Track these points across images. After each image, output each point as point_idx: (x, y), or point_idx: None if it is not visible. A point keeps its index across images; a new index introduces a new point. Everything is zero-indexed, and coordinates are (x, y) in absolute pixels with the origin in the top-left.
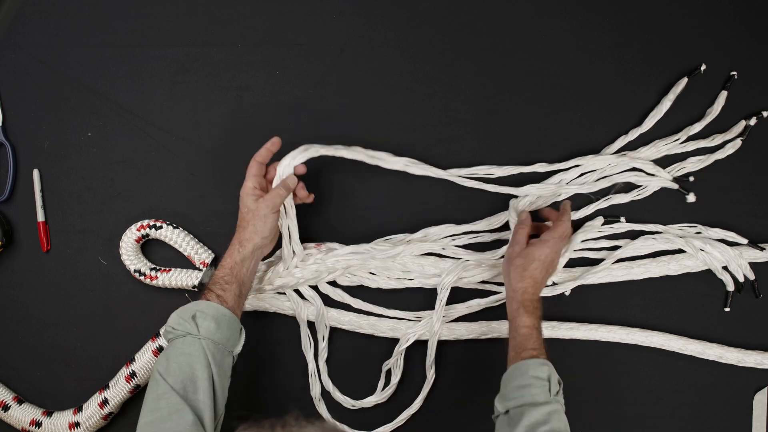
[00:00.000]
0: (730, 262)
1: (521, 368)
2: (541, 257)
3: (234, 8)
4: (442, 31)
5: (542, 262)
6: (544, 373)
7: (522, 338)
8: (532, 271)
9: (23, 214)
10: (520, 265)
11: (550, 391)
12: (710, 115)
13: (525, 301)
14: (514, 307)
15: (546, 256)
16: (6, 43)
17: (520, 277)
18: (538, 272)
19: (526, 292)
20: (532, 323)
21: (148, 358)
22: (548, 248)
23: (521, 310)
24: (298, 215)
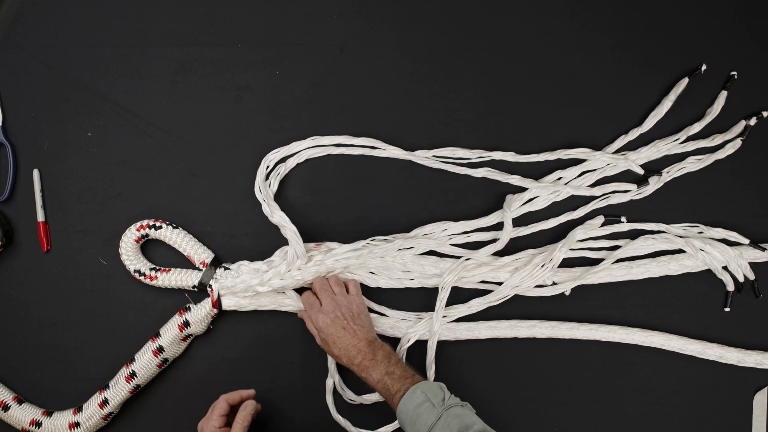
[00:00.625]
0: (730, 262)
1: (403, 411)
2: (321, 334)
3: (234, 8)
4: (442, 31)
5: (326, 336)
6: (417, 399)
7: (384, 390)
8: (329, 348)
9: (23, 214)
10: (324, 348)
11: (435, 406)
12: (710, 115)
13: (355, 369)
14: (356, 374)
15: (322, 330)
16: (6, 43)
17: (333, 356)
18: (332, 346)
19: (349, 363)
20: (378, 376)
21: (148, 359)
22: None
23: (363, 374)
24: (297, 215)
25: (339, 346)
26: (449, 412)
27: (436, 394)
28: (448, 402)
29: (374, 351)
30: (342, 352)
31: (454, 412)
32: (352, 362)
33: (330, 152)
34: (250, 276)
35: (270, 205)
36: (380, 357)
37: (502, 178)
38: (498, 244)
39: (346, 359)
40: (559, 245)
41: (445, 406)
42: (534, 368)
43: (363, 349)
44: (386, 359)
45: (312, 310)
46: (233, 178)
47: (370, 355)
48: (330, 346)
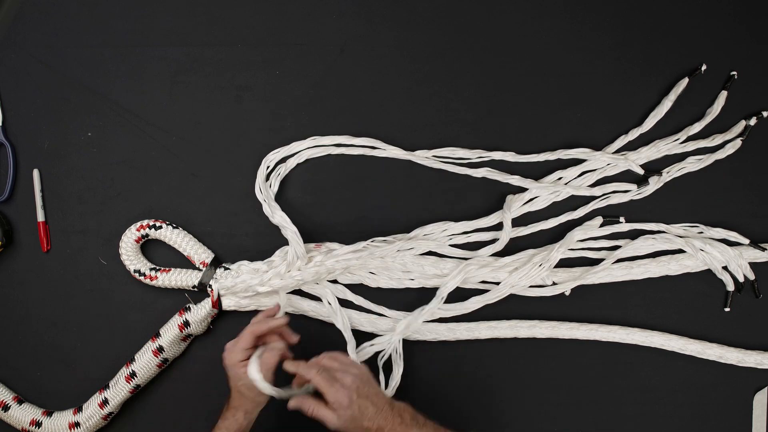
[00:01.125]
0: (730, 262)
1: None
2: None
3: (234, 8)
4: (442, 31)
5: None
6: None
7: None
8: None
9: (23, 214)
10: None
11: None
12: (710, 115)
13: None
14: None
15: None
16: (6, 43)
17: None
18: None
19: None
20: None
21: (148, 358)
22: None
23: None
24: (297, 215)
25: (368, 416)
26: None
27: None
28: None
29: (400, 414)
30: (372, 423)
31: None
32: (384, 429)
33: (330, 152)
34: (250, 276)
35: (271, 205)
36: (408, 419)
37: (502, 178)
38: (497, 245)
39: (376, 428)
40: (557, 245)
41: None
42: (534, 368)
43: (389, 414)
44: (414, 420)
45: (333, 387)
46: (233, 178)
47: (398, 419)
48: (359, 420)
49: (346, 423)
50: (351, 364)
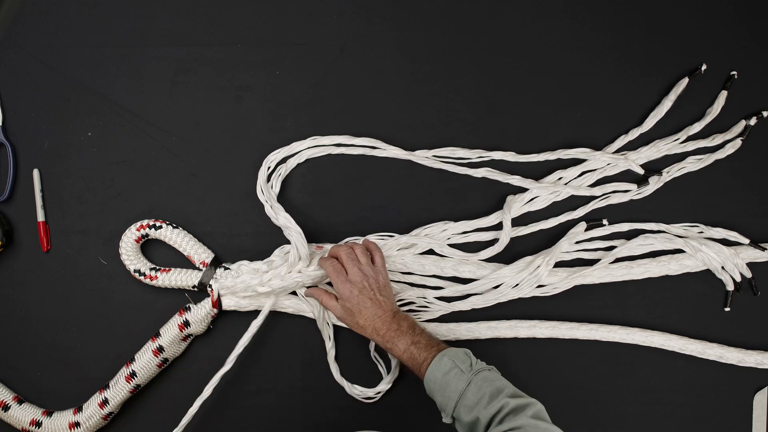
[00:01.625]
0: (726, 261)
1: (431, 380)
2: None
3: (234, 8)
4: (442, 31)
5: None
6: (445, 366)
7: (410, 359)
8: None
9: (23, 214)
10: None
11: (463, 371)
12: (710, 115)
13: (380, 341)
14: (381, 345)
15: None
16: (6, 43)
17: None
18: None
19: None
20: (404, 346)
21: (148, 358)
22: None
23: (388, 345)
24: (297, 215)
25: (365, 316)
26: (478, 376)
27: (463, 360)
28: (476, 367)
29: (399, 322)
30: (368, 323)
31: (483, 375)
32: (377, 333)
33: (330, 152)
34: (250, 276)
35: (274, 206)
36: (405, 327)
37: (502, 178)
38: (497, 246)
39: (371, 330)
40: (546, 258)
41: (474, 371)
42: (534, 368)
43: (388, 320)
44: (411, 329)
45: (338, 278)
46: (233, 178)
47: (395, 325)
48: (355, 316)
49: (344, 314)
50: (367, 264)
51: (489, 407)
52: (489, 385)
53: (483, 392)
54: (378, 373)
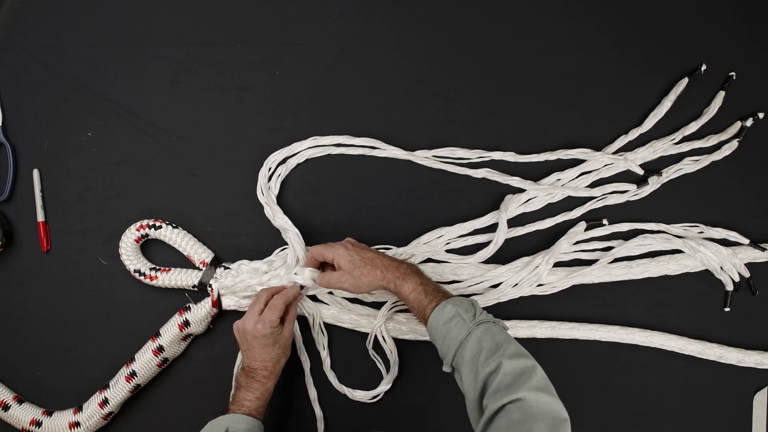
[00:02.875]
0: (724, 261)
1: (433, 326)
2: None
3: (234, 8)
4: (442, 31)
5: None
6: (447, 313)
7: (416, 302)
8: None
9: (23, 214)
10: (353, 281)
11: (465, 321)
12: (707, 115)
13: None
14: (392, 290)
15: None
16: (6, 43)
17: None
18: (363, 276)
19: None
20: (412, 286)
21: (148, 358)
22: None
23: (395, 288)
24: (297, 215)
25: (370, 265)
26: (479, 327)
27: (467, 309)
28: (479, 318)
29: (406, 266)
30: (377, 267)
31: (485, 327)
32: (385, 275)
33: (330, 152)
34: (249, 276)
35: (273, 208)
36: (412, 270)
37: (502, 179)
38: (492, 246)
39: (380, 273)
40: (546, 258)
41: (476, 322)
42: None
43: (395, 263)
44: (418, 274)
45: (332, 249)
46: (233, 178)
47: (403, 267)
48: (362, 269)
49: (353, 270)
50: None
51: (486, 364)
52: (489, 339)
53: (482, 345)
54: (377, 372)
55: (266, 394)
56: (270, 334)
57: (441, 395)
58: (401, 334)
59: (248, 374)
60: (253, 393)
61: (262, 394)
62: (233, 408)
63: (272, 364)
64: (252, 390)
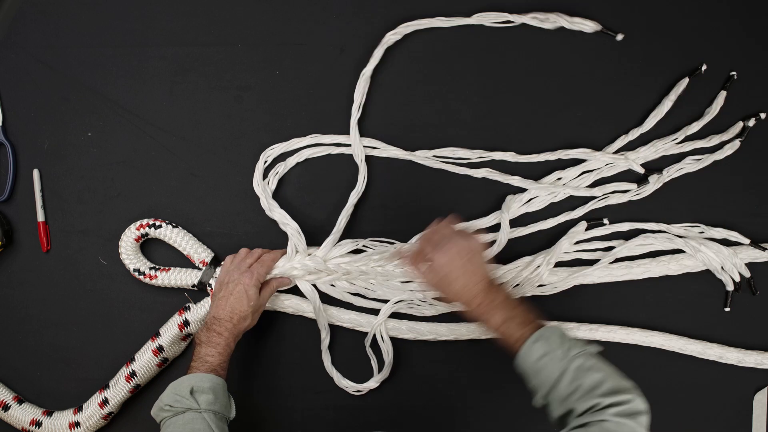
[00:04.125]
0: (725, 261)
1: (522, 363)
2: (440, 272)
3: (234, 8)
4: (442, 31)
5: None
6: (537, 352)
7: (503, 335)
8: (448, 287)
9: (23, 214)
10: (439, 290)
11: (558, 358)
12: (709, 115)
13: (474, 311)
14: (477, 320)
15: (441, 268)
16: (6, 43)
17: (451, 298)
18: (452, 284)
19: (468, 304)
20: (499, 320)
21: (148, 358)
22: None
23: (482, 317)
24: (297, 215)
25: (461, 283)
26: (573, 364)
27: (559, 344)
28: (572, 353)
29: (495, 292)
30: (463, 291)
31: (578, 364)
32: (471, 303)
33: (329, 152)
34: None
35: (269, 201)
36: (500, 300)
37: (503, 178)
38: (495, 247)
39: (466, 298)
40: (546, 258)
41: (569, 358)
42: None
43: (484, 288)
44: (507, 303)
45: (430, 246)
46: (233, 178)
47: (491, 296)
48: (450, 284)
49: (435, 284)
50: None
51: (581, 402)
52: (584, 376)
53: (576, 384)
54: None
55: (227, 350)
56: (253, 285)
57: (441, 396)
58: (401, 334)
59: (209, 327)
60: (215, 348)
61: (224, 350)
62: (195, 365)
63: (238, 318)
64: (213, 345)
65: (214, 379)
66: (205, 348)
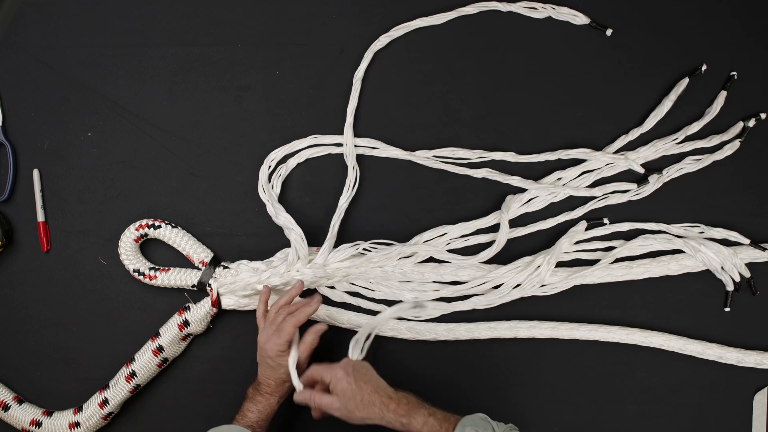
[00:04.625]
0: (725, 261)
1: None
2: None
3: (234, 8)
4: (442, 31)
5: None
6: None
7: None
8: (354, 406)
9: (23, 214)
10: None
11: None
12: (709, 115)
13: (391, 421)
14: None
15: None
16: (6, 43)
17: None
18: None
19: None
20: (422, 419)
21: (148, 358)
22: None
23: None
24: (297, 215)
25: (368, 391)
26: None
27: (484, 427)
28: (500, 429)
29: (406, 399)
30: (376, 403)
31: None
32: (385, 415)
33: (330, 152)
34: (249, 275)
35: (275, 206)
36: (414, 401)
37: (503, 178)
38: (494, 247)
39: (378, 409)
40: (547, 258)
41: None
42: (534, 369)
43: (394, 398)
44: (420, 403)
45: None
46: (233, 178)
47: (403, 403)
48: (360, 396)
49: (347, 401)
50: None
51: None
52: None
53: None
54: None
55: (269, 410)
56: (275, 357)
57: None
58: (400, 334)
59: (256, 387)
60: (257, 406)
61: (264, 408)
62: (237, 418)
63: (275, 384)
64: (256, 402)
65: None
66: (248, 404)
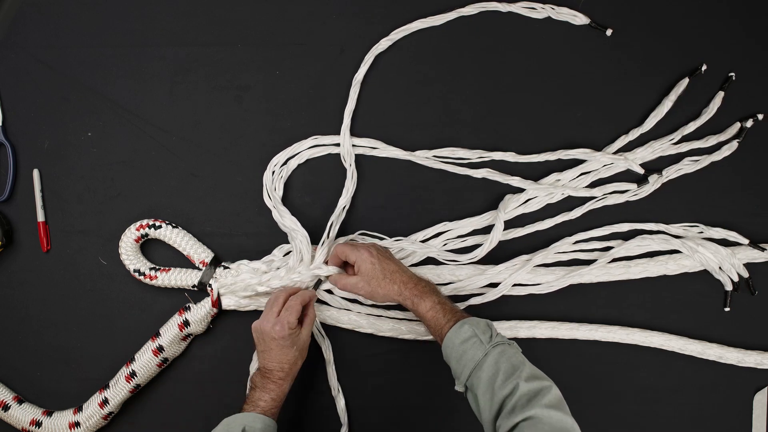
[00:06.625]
0: (723, 262)
1: (448, 346)
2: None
3: (234, 8)
4: (442, 31)
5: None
6: (464, 333)
7: (433, 320)
8: (377, 284)
9: (23, 214)
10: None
11: (482, 342)
12: (705, 115)
13: (404, 302)
14: (408, 307)
15: (365, 281)
16: (6, 43)
17: (382, 292)
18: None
19: (400, 294)
20: (430, 305)
21: (148, 358)
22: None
23: (414, 305)
24: (297, 215)
25: (391, 270)
26: (496, 349)
27: (484, 330)
28: (496, 339)
29: (425, 284)
30: (395, 280)
31: (501, 349)
32: (403, 291)
33: (330, 152)
34: (249, 275)
35: (280, 210)
36: (431, 289)
37: (503, 179)
38: (485, 246)
39: (398, 287)
40: (538, 257)
41: (493, 343)
42: None
43: (414, 279)
44: (436, 292)
45: (354, 250)
46: (233, 178)
47: (421, 285)
48: (380, 279)
49: (370, 279)
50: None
51: (502, 386)
52: (506, 360)
53: (498, 367)
54: (376, 373)
55: (281, 395)
56: (288, 335)
57: (441, 396)
58: (401, 334)
59: (264, 375)
60: (269, 394)
61: (277, 395)
62: (247, 408)
63: (289, 366)
64: (267, 391)
65: (266, 420)
66: (258, 392)
